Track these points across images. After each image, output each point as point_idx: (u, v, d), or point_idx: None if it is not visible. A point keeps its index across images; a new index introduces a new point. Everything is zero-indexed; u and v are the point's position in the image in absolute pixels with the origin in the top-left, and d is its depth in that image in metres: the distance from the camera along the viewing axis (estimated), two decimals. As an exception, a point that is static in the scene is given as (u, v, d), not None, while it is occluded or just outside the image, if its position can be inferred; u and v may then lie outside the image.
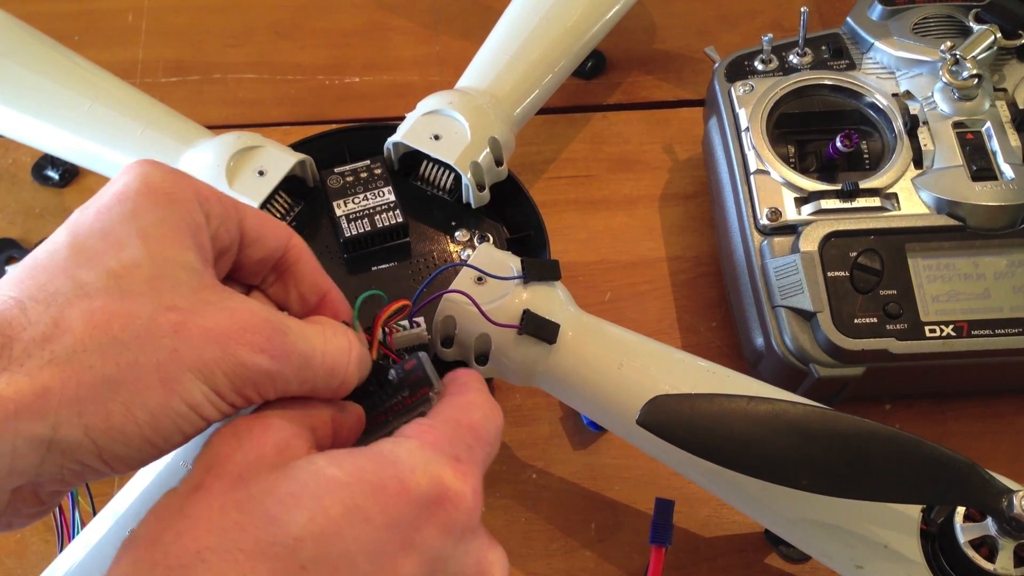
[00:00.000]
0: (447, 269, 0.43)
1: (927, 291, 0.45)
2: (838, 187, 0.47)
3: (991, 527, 0.34)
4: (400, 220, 0.47)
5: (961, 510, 0.35)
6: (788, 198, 0.48)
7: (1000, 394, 0.51)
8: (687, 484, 0.47)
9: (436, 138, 0.47)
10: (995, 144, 0.47)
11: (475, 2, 0.69)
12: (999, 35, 0.49)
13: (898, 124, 0.49)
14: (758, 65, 0.53)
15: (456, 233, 0.48)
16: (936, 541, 0.36)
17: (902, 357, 0.44)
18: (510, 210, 0.50)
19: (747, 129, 0.50)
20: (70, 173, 0.60)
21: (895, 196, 0.47)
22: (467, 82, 0.52)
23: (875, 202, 0.47)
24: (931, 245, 0.46)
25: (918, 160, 0.48)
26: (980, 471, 0.33)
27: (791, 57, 0.53)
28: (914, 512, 0.36)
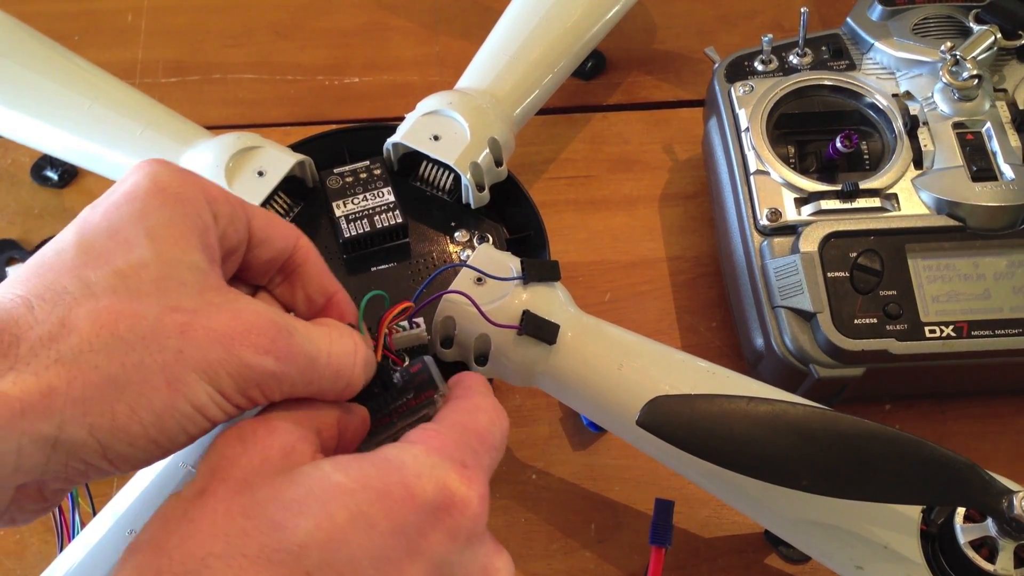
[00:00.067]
0: (447, 270, 0.43)
1: (927, 291, 0.45)
2: (838, 187, 0.47)
3: (991, 528, 0.34)
4: (400, 221, 0.47)
5: (961, 511, 0.35)
6: (788, 198, 0.48)
7: (1000, 394, 0.51)
8: (687, 484, 0.47)
9: (436, 138, 0.47)
10: (995, 144, 0.47)
11: (475, 2, 0.68)
12: (999, 35, 0.49)
13: (898, 124, 0.49)
14: (758, 65, 0.53)
15: (456, 234, 0.48)
16: (936, 542, 0.36)
17: (902, 358, 0.44)
18: (510, 210, 0.50)
19: (747, 129, 0.50)
20: (69, 174, 0.60)
21: (895, 196, 0.47)
22: (467, 82, 0.52)
23: (875, 202, 0.47)
24: (931, 246, 0.46)
25: (918, 160, 0.48)
26: (980, 472, 0.33)
27: (791, 57, 0.53)
28: (914, 513, 0.36)
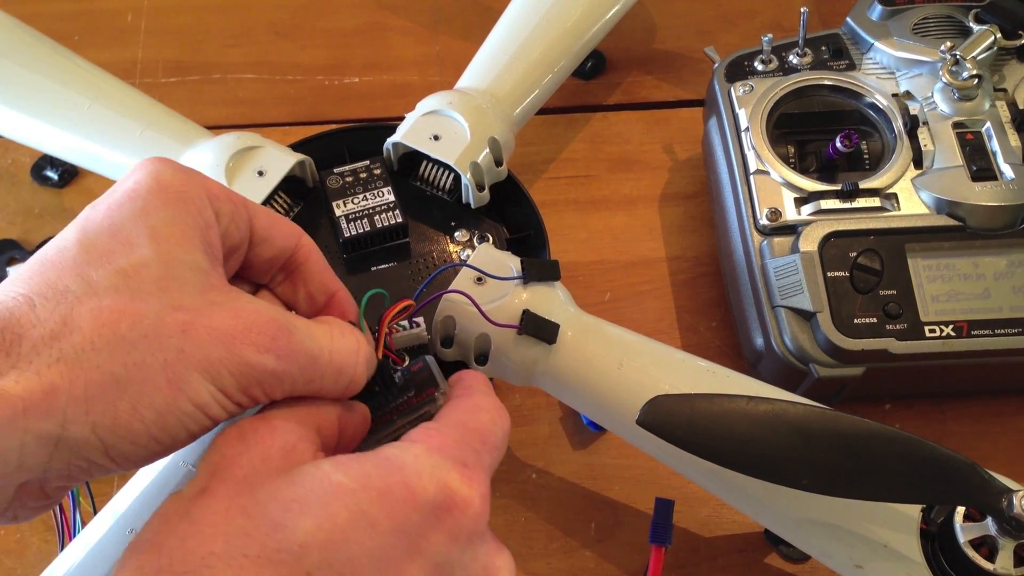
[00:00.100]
0: (447, 269, 0.43)
1: (927, 291, 0.45)
2: (838, 187, 0.47)
3: (991, 527, 0.34)
4: (400, 220, 0.47)
5: (961, 510, 0.35)
6: (788, 198, 0.48)
7: (1000, 394, 0.51)
8: (687, 484, 0.47)
9: (436, 138, 0.47)
10: (995, 144, 0.47)
11: (475, 2, 0.69)
12: (999, 35, 0.49)
13: (898, 124, 0.49)
14: (758, 65, 0.53)
15: (456, 233, 0.48)
16: (936, 541, 0.36)
17: (902, 357, 0.44)
18: (510, 210, 0.50)
19: (747, 129, 0.50)
20: (69, 173, 0.60)
21: (895, 196, 0.47)
22: (467, 82, 0.52)
23: (875, 202, 0.47)
24: (931, 245, 0.46)
25: (918, 160, 0.48)
26: (980, 471, 0.33)
27: (791, 57, 0.53)
28: (914, 512, 0.36)
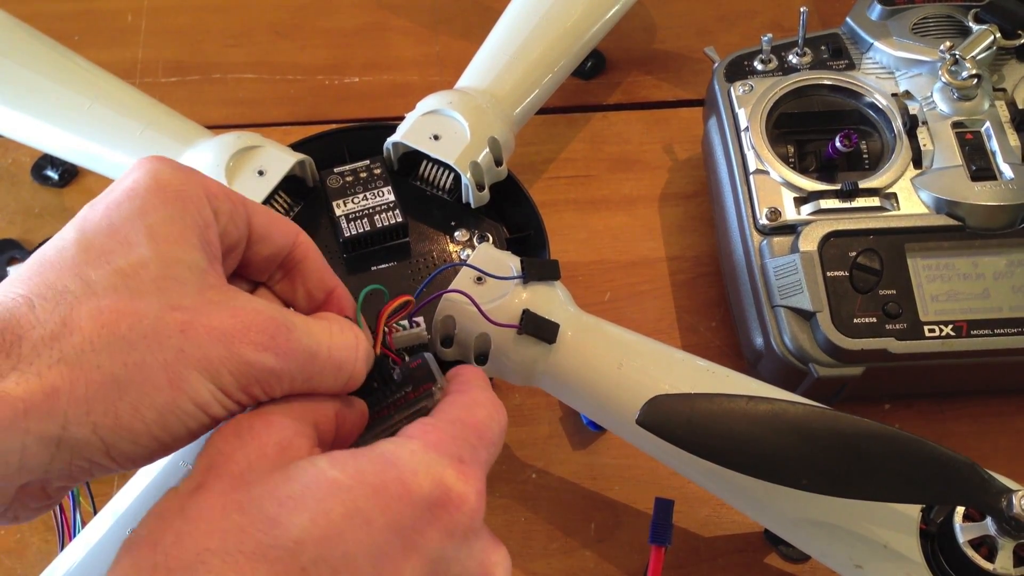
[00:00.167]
0: (447, 269, 0.43)
1: (926, 291, 0.45)
2: (837, 187, 0.47)
3: (990, 527, 0.34)
4: (400, 220, 0.47)
5: (960, 510, 0.35)
6: (787, 198, 0.48)
7: (999, 394, 0.51)
8: (687, 484, 0.47)
9: (436, 138, 0.48)
10: (994, 144, 0.48)
11: (475, 2, 0.69)
12: (998, 35, 0.49)
13: (897, 124, 0.49)
14: (757, 65, 0.53)
15: (456, 233, 0.48)
16: (936, 541, 0.36)
17: (901, 357, 0.44)
18: (510, 210, 0.50)
19: (746, 129, 0.50)
20: (69, 173, 0.60)
21: (894, 196, 0.47)
22: (467, 82, 0.52)
23: (874, 202, 0.47)
24: (930, 245, 0.46)
25: (917, 160, 0.48)
26: (980, 471, 0.33)
27: (790, 57, 0.53)
28: (913, 512, 0.36)
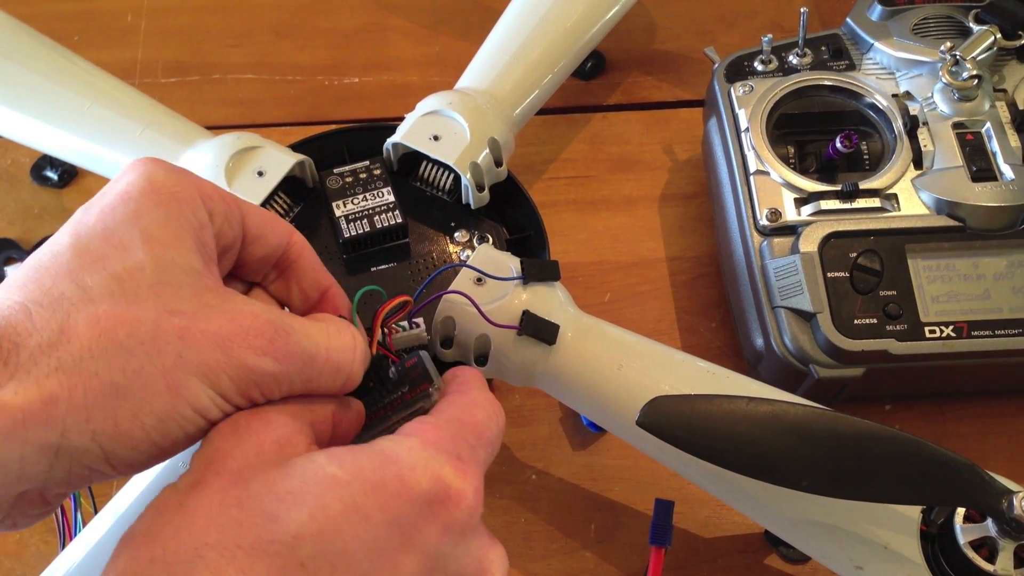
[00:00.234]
0: (446, 270, 0.43)
1: (927, 292, 0.45)
2: (838, 188, 0.47)
3: (991, 528, 0.34)
4: (399, 221, 0.47)
5: (961, 511, 0.35)
6: (788, 199, 0.48)
7: (1000, 394, 0.51)
8: (687, 485, 0.47)
9: (435, 139, 0.47)
10: (995, 145, 0.47)
11: (475, 2, 0.68)
12: (999, 36, 0.49)
13: (898, 125, 0.49)
14: (758, 66, 0.53)
15: (455, 234, 0.48)
16: (936, 542, 0.36)
17: (902, 358, 0.44)
18: (510, 211, 0.50)
19: (747, 130, 0.50)
20: (69, 174, 0.60)
21: (895, 197, 0.47)
22: (467, 82, 0.52)
23: (875, 203, 0.47)
24: (931, 246, 0.46)
25: (918, 161, 0.48)
26: (980, 472, 0.33)
27: (791, 58, 0.53)
28: (914, 513, 0.36)
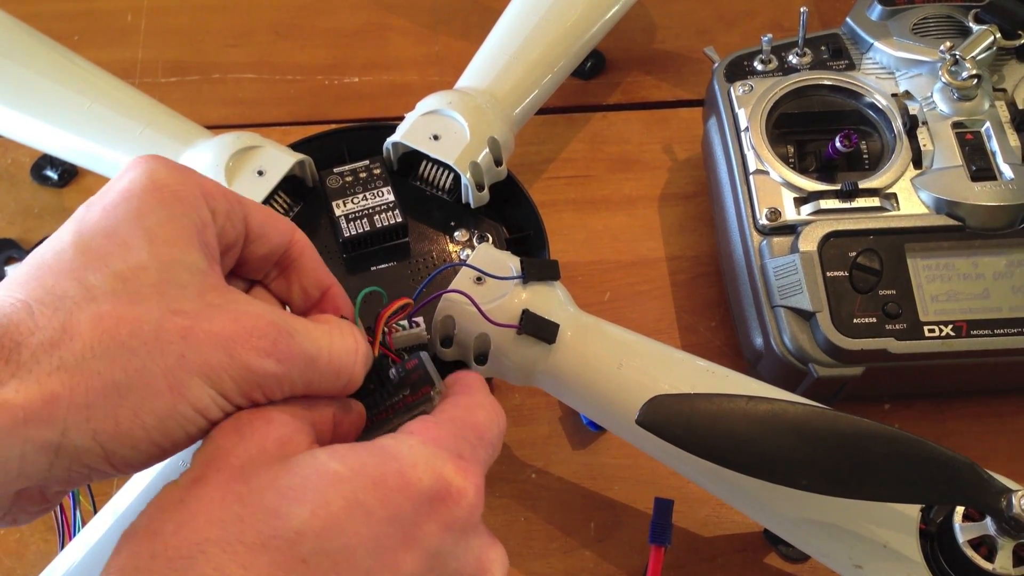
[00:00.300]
0: (446, 269, 0.43)
1: (926, 291, 0.45)
2: (837, 187, 0.47)
3: (990, 527, 0.34)
4: (399, 220, 0.47)
5: (960, 510, 0.35)
6: (787, 198, 0.48)
7: (999, 394, 0.51)
8: (687, 484, 0.47)
9: (435, 138, 0.47)
10: (994, 144, 0.47)
11: (475, 2, 0.69)
12: (998, 35, 0.49)
13: (897, 124, 0.49)
14: (757, 65, 0.53)
15: (455, 233, 0.48)
16: (935, 541, 0.36)
17: (901, 357, 0.44)
18: (509, 210, 0.50)
19: (746, 129, 0.50)
20: (69, 173, 0.60)
21: (894, 196, 0.47)
22: (466, 82, 0.52)
23: (874, 202, 0.47)
24: (930, 245, 0.46)
25: (917, 160, 0.48)
26: (979, 471, 0.33)
27: (790, 57, 0.53)
28: (913, 512, 0.36)
